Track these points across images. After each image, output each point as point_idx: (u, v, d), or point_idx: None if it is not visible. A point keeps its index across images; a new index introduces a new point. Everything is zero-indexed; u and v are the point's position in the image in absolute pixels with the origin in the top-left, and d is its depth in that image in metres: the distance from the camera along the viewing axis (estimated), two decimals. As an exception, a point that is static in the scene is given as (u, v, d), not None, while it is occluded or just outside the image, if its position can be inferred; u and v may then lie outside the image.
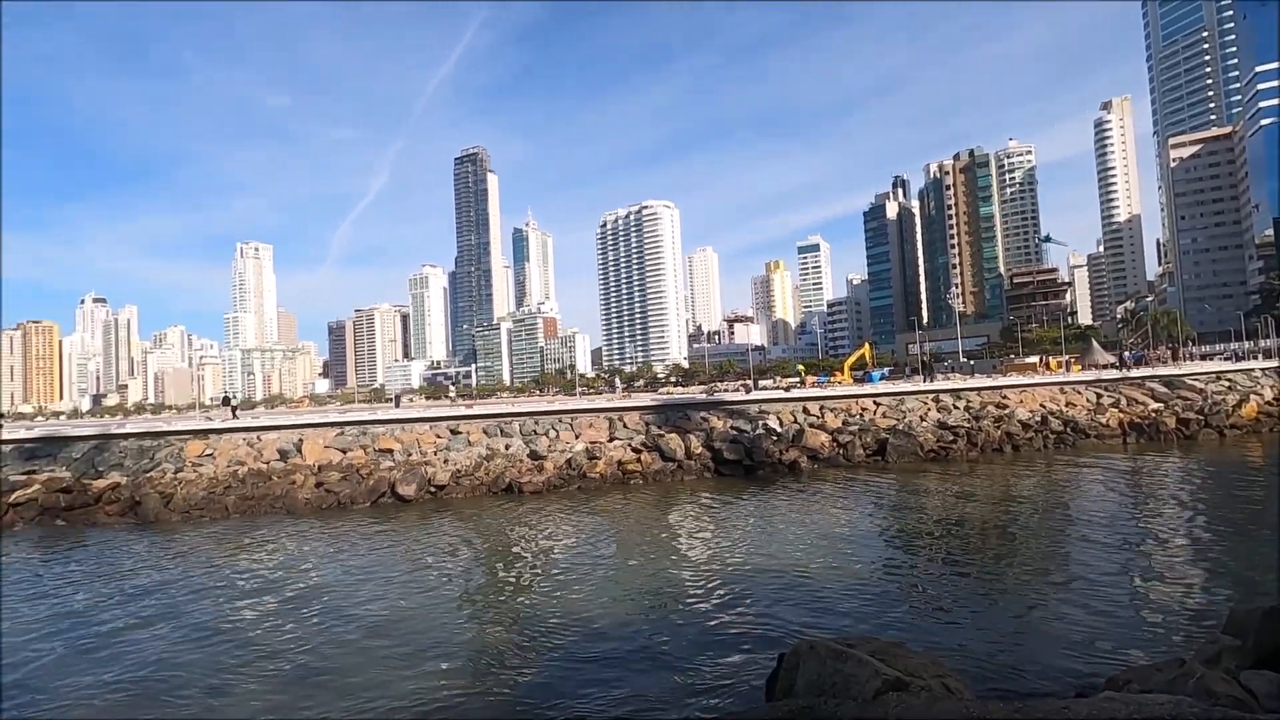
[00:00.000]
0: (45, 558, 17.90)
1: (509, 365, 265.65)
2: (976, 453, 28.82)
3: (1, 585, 14.73)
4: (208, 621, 11.76)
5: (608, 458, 26.51)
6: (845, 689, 4.50)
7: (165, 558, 17.15)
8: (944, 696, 4.25)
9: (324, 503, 23.31)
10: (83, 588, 14.52)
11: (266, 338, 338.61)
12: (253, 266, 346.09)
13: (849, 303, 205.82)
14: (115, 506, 23.32)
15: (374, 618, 11.51)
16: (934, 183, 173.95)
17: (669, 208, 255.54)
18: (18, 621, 12.35)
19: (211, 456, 26.71)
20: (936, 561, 13.68)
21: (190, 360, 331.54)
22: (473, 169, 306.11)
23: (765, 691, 7.11)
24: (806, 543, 15.49)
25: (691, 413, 31.71)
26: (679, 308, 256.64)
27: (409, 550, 16.72)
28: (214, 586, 14.13)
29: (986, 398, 35.40)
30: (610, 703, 7.92)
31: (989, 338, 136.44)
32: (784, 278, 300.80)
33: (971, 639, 9.31)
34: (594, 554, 15.41)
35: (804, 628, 9.95)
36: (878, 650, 4.98)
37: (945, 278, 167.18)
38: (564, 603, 11.89)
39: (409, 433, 28.58)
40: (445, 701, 8.15)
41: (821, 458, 27.74)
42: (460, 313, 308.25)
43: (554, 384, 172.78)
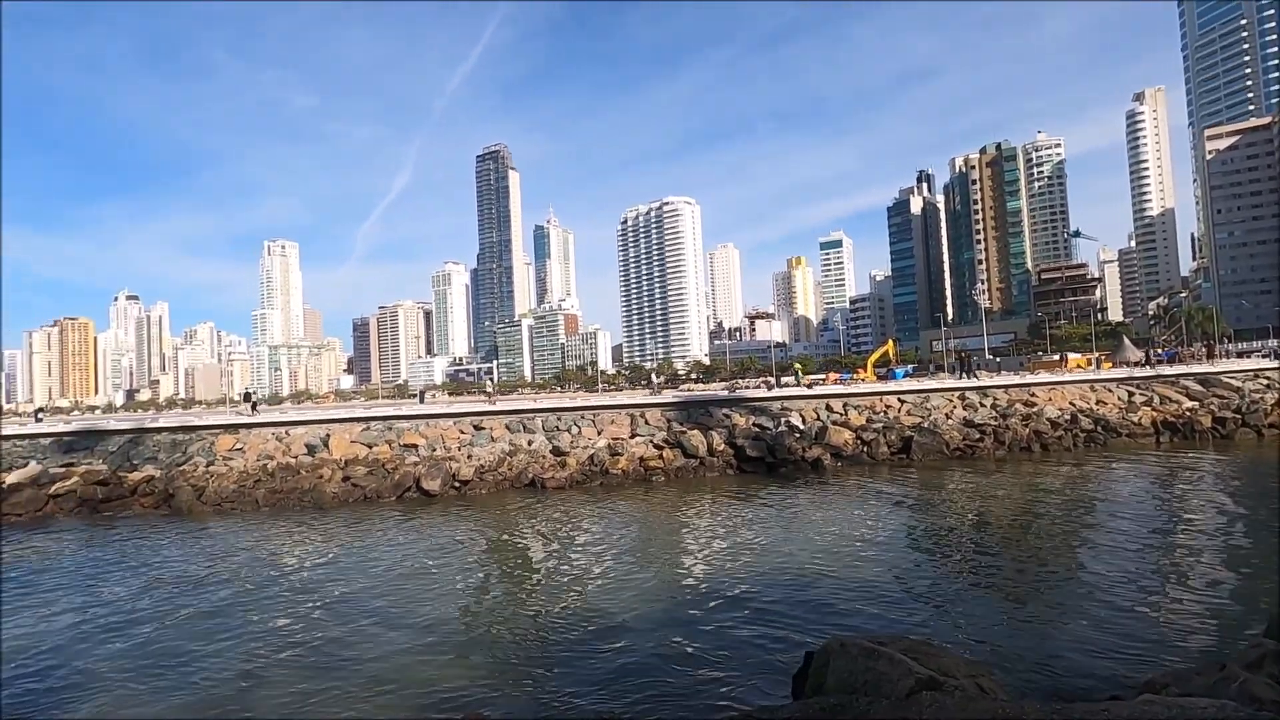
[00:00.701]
0: (87, 548, 18.40)
1: (530, 362, 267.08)
2: (1004, 451, 28.39)
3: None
4: (238, 611, 12.02)
5: (630, 454, 26.56)
6: (877, 687, 4.47)
7: (198, 549, 17.54)
8: (978, 697, 4.20)
9: (351, 497, 23.67)
10: (120, 578, 14.91)
11: (293, 334, 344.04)
12: (279, 264, 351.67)
13: (872, 299, 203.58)
14: (149, 499, 23.89)
15: (399, 610, 11.67)
16: (959, 177, 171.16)
17: (690, 204, 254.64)
18: (61, 610, 12.73)
19: (241, 451, 27.24)
20: (963, 561, 13.51)
21: (219, 356, 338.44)
22: (494, 166, 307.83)
23: (792, 688, 7.08)
24: (830, 540, 15.39)
25: (713, 409, 31.62)
26: (700, 304, 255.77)
27: (434, 544, 16.91)
28: (245, 577, 14.42)
29: (1014, 395, 34.83)
30: (634, 698, 7.94)
31: (1016, 334, 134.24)
32: (806, 274, 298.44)
33: (999, 639, 9.19)
34: (617, 550, 15.46)
35: (828, 626, 9.89)
36: (909, 649, 4.93)
37: (971, 274, 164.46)
38: (587, 598, 11.95)
39: (433, 428, 28.89)
40: (469, 694, 8.23)
41: (845, 455, 27.52)
42: (482, 309, 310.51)
43: (575, 380, 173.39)
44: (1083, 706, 4.03)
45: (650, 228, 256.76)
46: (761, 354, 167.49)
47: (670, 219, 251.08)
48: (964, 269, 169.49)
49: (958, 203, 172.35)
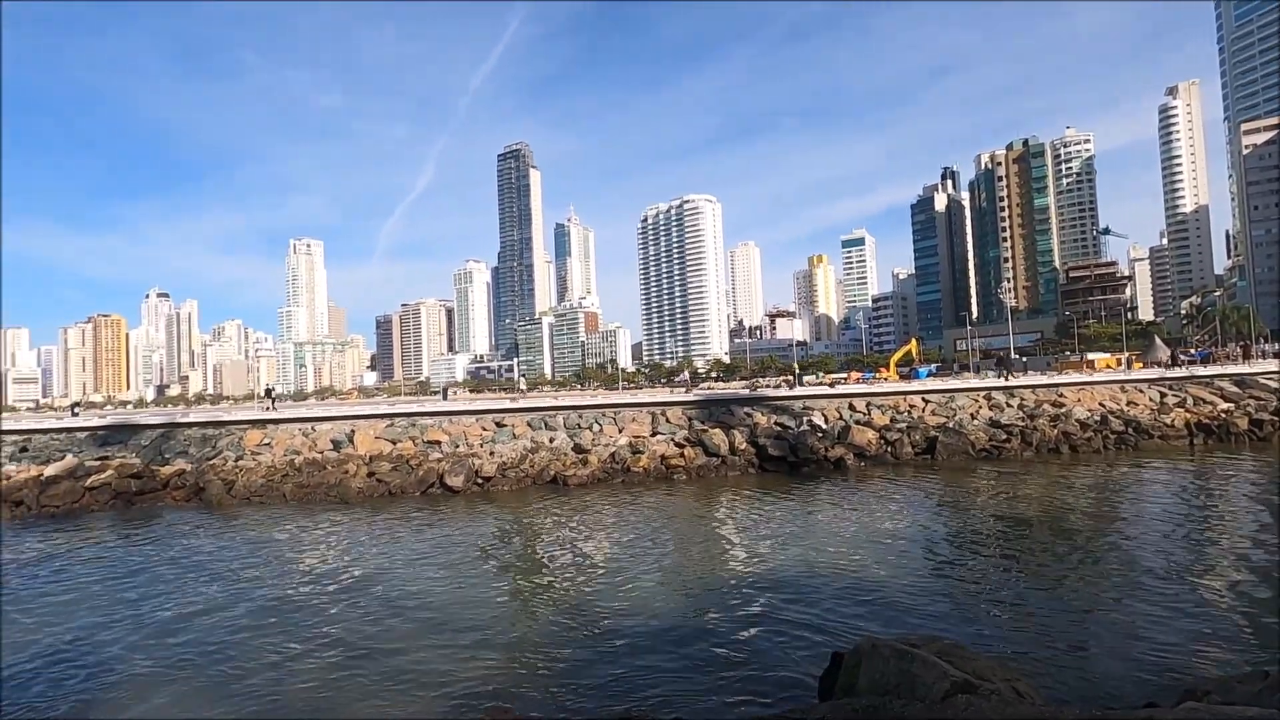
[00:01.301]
0: (122, 539, 18.85)
1: (550, 359, 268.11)
2: (1031, 452, 27.93)
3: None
4: (267, 604, 12.23)
5: (651, 452, 26.57)
6: (911, 690, 4.41)
7: (228, 542, 17.87)
8: (1015, 701, 4.13)
9: (375, 492, 23.96)
10: (154, 569, 15.25)
11: (318, 331, 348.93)
12: (305, 262, 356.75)
13: (895, 297, 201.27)
14: (181, 492, 24.41)
15: (424, 604, 11.79)
16: (985, 174, 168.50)
17: (711, 202, 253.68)
18: (95, 599, 13.06)
19: (269, 446, 27.71)
20: (990, 563, 13.31)
21: (246, 353, 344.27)
22: (515, 165, 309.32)
23: (819, 689, 7.03)
24: (853, 541, 15.25)
25: (734, 408, 31.51)
26: (720, 302, 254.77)
27: (458, 540, 17.05)
28: (273, 571, 14.68)
29: (1042, 396, 34.26)
30: (658, 696, 7.94)
31: (1042, 334, 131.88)
32: (827, 272, 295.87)
33: (1029, 643, 9.05)
34: (639, 548, 15.47)
35: (853, 626, 9.81)
36: (943, 651, 4.86)
37: (996, 272, 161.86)
38: (610, 595, 11.97)
39: (456, 425, 29.15)
40: (494, 688, 8.29)
41: (868, 455, 27.27)
42: (503, 307, 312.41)
43: (595, 379, 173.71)
44: (1122, 713, 3.95)
45: (671, 225, 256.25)
46: (782, 353, 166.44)
47: (691, 217, 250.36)
48: (989, 267, 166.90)
49: (983, 199, 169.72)
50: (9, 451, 28.15)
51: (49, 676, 9.38)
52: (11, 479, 25.21)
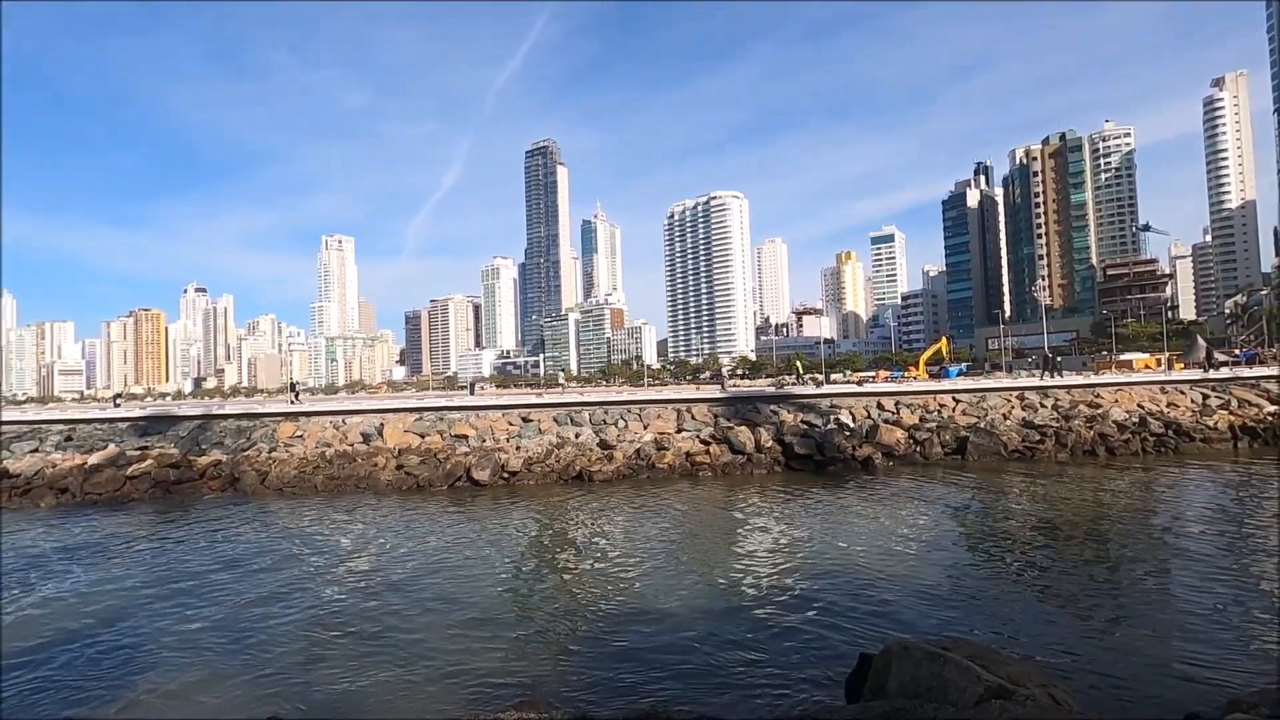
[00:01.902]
0: (159, 527, 19.40)
1: (576, 356, 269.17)
2: (1066, 454, 27.27)
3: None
4: (299, 592, 12.48)
5: (676, 449, 26.52)
6: (943, 693, 4.32)
7: (262, 531, 18.28)
8: (1051, 708, 4.02)
9: (404, 484, 24.30)
10: (191, 557, 15.66)
11: (348, 326, 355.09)
12: (336, 258, 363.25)
13: (925, 295, 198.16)
14: (217, 482, 25.01)
15: (453, 595, 11.92)
16: (1020, 169, 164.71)
17: (738, 198, 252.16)
18: (130, 585, 13.46)
19: (301, 438, 28.26)
20: (1021, 566, 13.02)
21: (280, 347, 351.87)
22: (543, 161, 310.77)
23: (846, 690, 6.95)
24: (880, 541, 15.05)
25: (760, 406, 31.31)
26: (746, 299, 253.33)
27: (485, 532, 17.21)
28: (305, 559, 14.97)
29: (1077, 396, 33.45)
30: (683, 692, 7.93)
31: (1078, 333, 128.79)
32: (855, 269, 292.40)
33: (1061, 649, 8.83)
34: (665, 544, 15.46)
35: (879, 627, 9.69)
36: (975, 655, 4.76)
37: (1030, 269, 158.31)
38: (635, 590, 11.98)
39: (483, 419, 29.41)
40: (523, 680, 8.35)
41: (897, 455, 26.89)
42: (529, 303, 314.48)
43: (620, 375, 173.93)
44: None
45: (697, 222, 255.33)
46: (809, 350, 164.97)
47: (718, 213, 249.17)
48: (1023, 264, 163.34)
49: (1017, 195, 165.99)
50: (55, 440, 29.12)
51: (88, 655, 9.68)
52: (57, 467, 26.09)
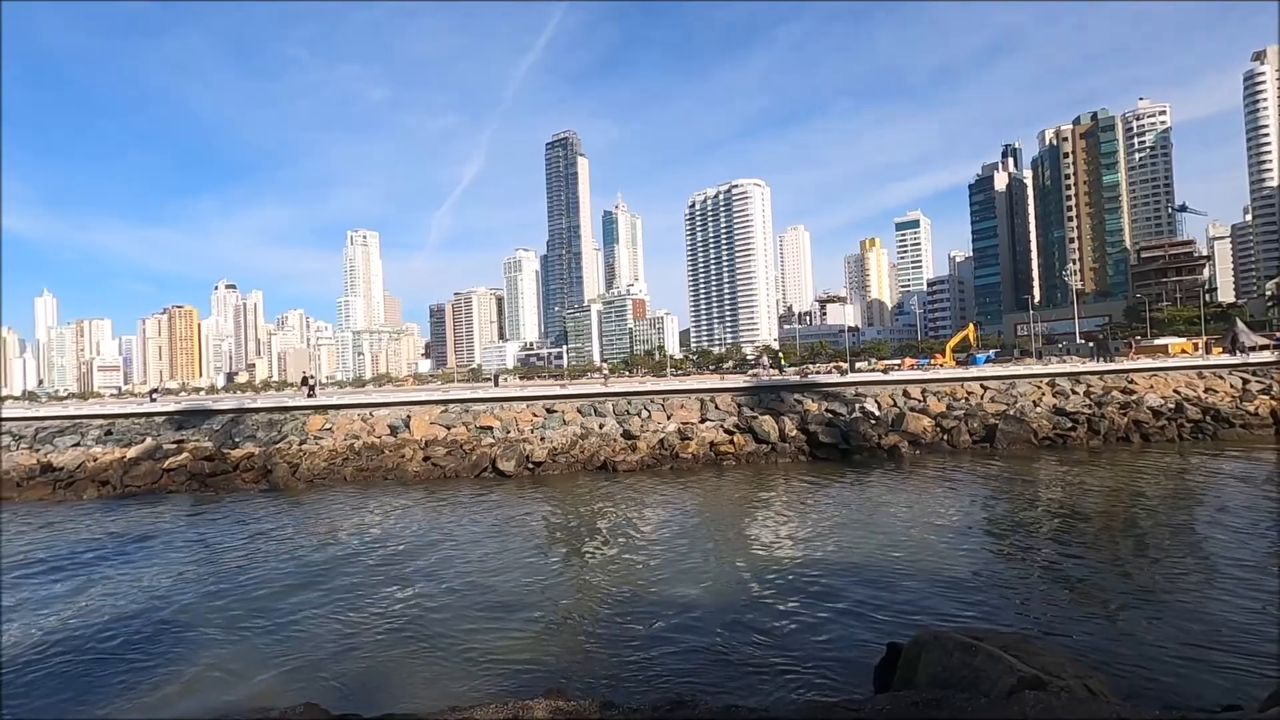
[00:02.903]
0: (199, 519, 19.92)
1: (599, 347, 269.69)
2: (1099, 441, 26.72)
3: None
4: (331, 581, 12.73)
5: (700, 439, 26.50)
6: (975, 684, 4.27)
7: (294, 522, 18.67)
8: (1087, 699, 3.95)
9: (431, 475, 24.63)
10: (227, 546, 16.07)
11: (374, 320, 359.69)
12: (361, 253, 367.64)
13: (951, 281, 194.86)
14: (250, 474, 25.57)
15: (479, 585, 12.07)
16: (1050, 150, 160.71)
17: (759, 186, 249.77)
18: (176, 574, 13.85)
19: (330, 430, 28.76)
20: (1053, 555, 12.79)
21: (308, 341, 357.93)
22: (563, 153, 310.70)
23: (874, 680, 6.91)
24: (908, 529, 14.91)
25: (785, 394, 31.12)
26: (769, 288, 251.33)
27: (511, 522, 17.38)
28: (336, 550, 15.26)
29: (1110, 382, 32.72)
30: (709, 682, 7.94)
31: (1110, 317, 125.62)
32: (880, 256, 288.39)
33: (1093, 640, 8.67)
34: (689, 533, 15.47)
35: (907, 617, 9.60)
36: (1008, 645, 4.69)
37: (1061, 253, 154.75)
38: (659, 579, 12.01)
39: (507, 411, 29.65)
40: (548, 669, 8.43)
41: (923, 443, 26.57)
42: (552, 295, 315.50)
43: (643, 366, 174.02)
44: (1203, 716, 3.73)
45: (719, 211, 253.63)
46: (833, 339, 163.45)
47: (739, 202, 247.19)
48: (1053, 248, 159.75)
49: (1047, 178, 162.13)
50: (95, 434, 30.00)
51: (131, 639, 9.99)
52: (98, 460, 26.88)
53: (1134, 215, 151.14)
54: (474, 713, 5.82)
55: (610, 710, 5.18)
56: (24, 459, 27.32)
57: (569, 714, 5.33)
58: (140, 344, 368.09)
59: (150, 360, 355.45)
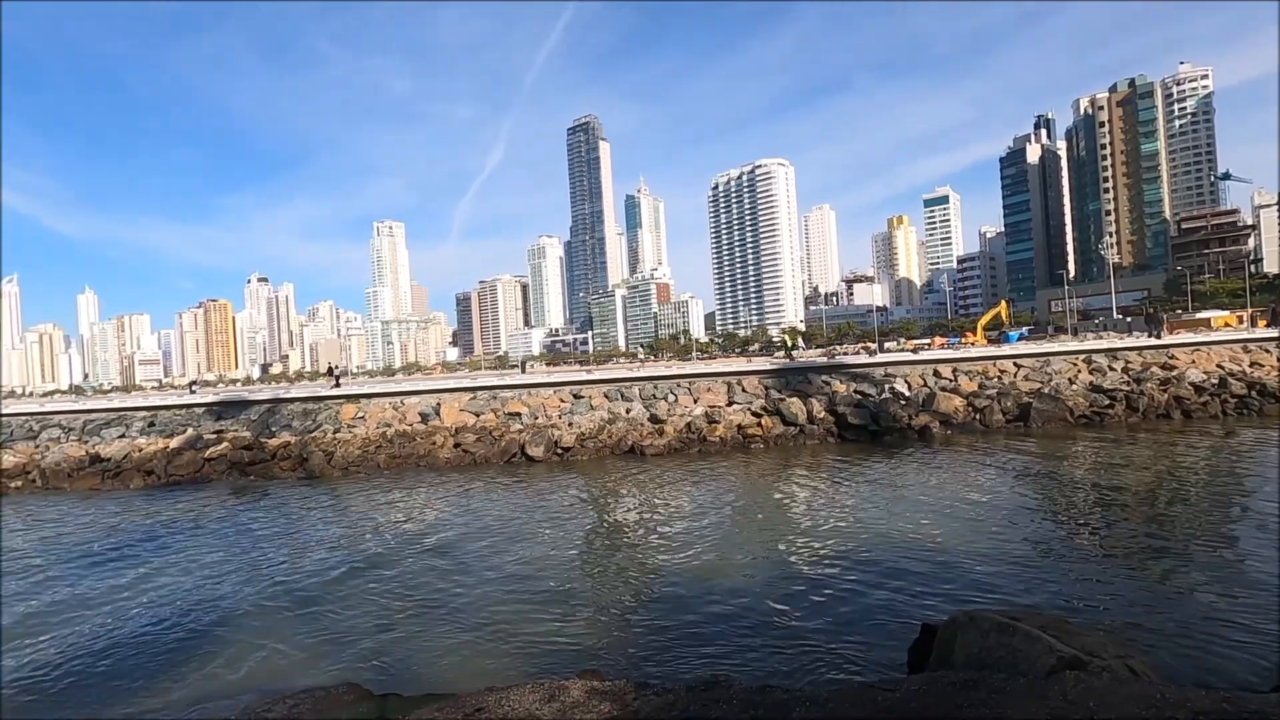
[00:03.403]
0: (240, 506, 20.52)
1: (623, 331, 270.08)
2: (1137, 418, 26.08)
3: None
4: (367, 565, 13.04)
5: (727, 421, 26.45)
6: (1013, 664, 4.23)
7: (330, 509, 19.13)
8: (1129, 679, 3.89)
9: (462, 461, 25.00)
10: (267, 533, 16.54)
11: (402, 310, 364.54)
12: (388, 244, 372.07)
13: (982, 257, 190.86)
14: (287, 462, 26.21)
15: (512, 567, 12.25)
16: (1085, 119, 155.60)
17: (783, 165, 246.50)
18: (220, 558, 14.31)
19: (363, 419, 29.31)
20: (1090, 535, 12.56)
21: (338, 331, 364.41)
22: (585, 138, 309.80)
23: (908, 661, 6.89)
24: (938, 510, 14.74)
25: (812, 376, 30.86)
26: (794, 269, 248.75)
27: (542, 506, 17.58)
28: (372, 534, 15.61)
29: (1149, 358, 31.84)
30: (739, 663, 7.98)
31: (1149, 291, 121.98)
32: (908, 233, 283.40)
33: (1134, 621, 8.51)
34: (719, 515, 15.51)
35: (940, 597, 9.52)
36: (1047, 625, 4.63)
37: (1097, 226, 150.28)
38: (690, 561, 12.07)
39: (535, 397, 29.89)
40: (582, 650, 8.56)
41: (955, 423, 26.20)
42: (576, 280, 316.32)
43: (668, 350, 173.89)
44: (1255, 698, 3.66)
45: (742, 192, 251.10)
46: (860, 319, 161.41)
47: (763, 182, 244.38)
48: (1088, 221, 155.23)
49: (1082, 149, 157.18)
50: (139, 426, 30.98)
51: (174, 619, 10.38)
52: (143, 450, 27.79)
53: (1174, 185, 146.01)
54: (511, 693, 5.93)
55: (645, 690, 5.25)
56: (74, 450, 28.34)
57: (604, 694, 5.41)
58: (178, 337, 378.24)
59: (188, 353, 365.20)
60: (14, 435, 31.05)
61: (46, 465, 27.14)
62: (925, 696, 3.95)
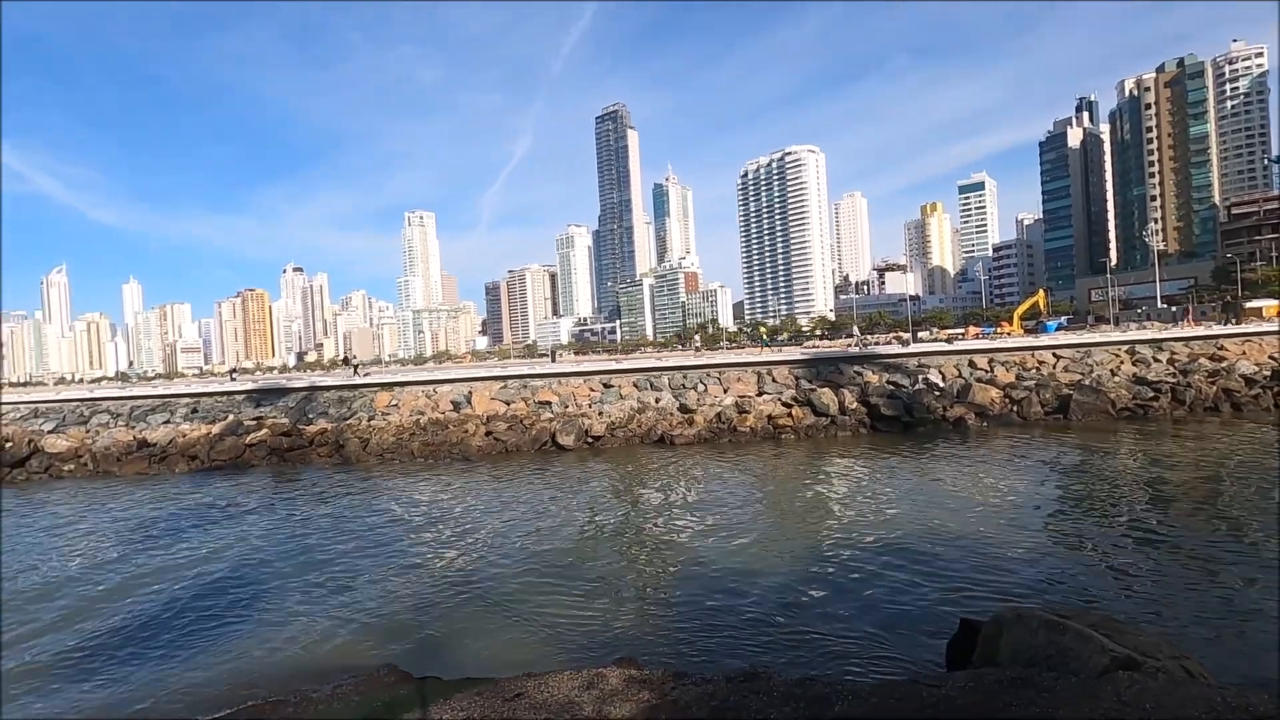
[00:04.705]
0: (280, 491, 21.06)
1: (651, 321, 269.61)
2: (1184, 411, 25.28)
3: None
4: (404, 549, 13.30)
5: (757, 412, 26.30)
6: (1063, 663, 4.14)
7: (368, 494, 19.52)
8: (1186, 681, 3.78)
9: (493, 449, 25.27)
10: (308, 516, 16.95)
11: (433, 299, 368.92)
12: (419, 234, 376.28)
13: (1019, 245, 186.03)
14: (325, 448, 26.79)
15: (546, 555, 12.38)
16: (1130, 101, 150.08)
17: (813, 152, 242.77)
18: (262, 543, 14.72)
19: (397, 407, 29.79)
20: (1128, 531, 12.22)
21: (371, 321, 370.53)
22: (613, 127, 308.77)
23: (947, 656, 6.80)
24: (973, 504, 14.49)
25: (843, 366, 30.51)
26: (824, 257, 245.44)
27: (573, 494, 17.71)
28: (407, 521, 15.90)
29: (1197, 349, 30.80)
30: (775, 655, 7.95)
31: (1195, 280, 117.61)
32: (942, 221, 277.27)
33: (1184, 621, 8.28)
34: (749, 506, 15.45)
35: (973, 594, 9.37)
36: (1097, 624, 4.52)
37: (1141, 212, 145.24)
38: (720, 553, 12.04)
39: (565, 386, 30.06)
40: (618, 638, 8.61)
41: (991, 415, 25.69)
42: (604, 270, 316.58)
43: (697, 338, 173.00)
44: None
45: (771, 180, 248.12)
46: (892, 308, 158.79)
47: (793, 169, 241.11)
48: (1132, 207, 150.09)
49: (1126, 132, 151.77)
50: (183, 412, 31.92)
51: (218, 598, 10.71)
52: (187, 436, 28.64)
53: (1224, 169, 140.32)
54: (549, 679, 6.01)
55: (683, 680, 5.26)
56: (122, 435, 29.34)
57: (643, 682, 5.44)
58: (218, 326, 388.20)
59: (227, 341, 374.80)
60: (66, 420, 32.23)
61: (97, 449, 28.15)
62: (972, 693, 3.90)
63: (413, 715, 5.97)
